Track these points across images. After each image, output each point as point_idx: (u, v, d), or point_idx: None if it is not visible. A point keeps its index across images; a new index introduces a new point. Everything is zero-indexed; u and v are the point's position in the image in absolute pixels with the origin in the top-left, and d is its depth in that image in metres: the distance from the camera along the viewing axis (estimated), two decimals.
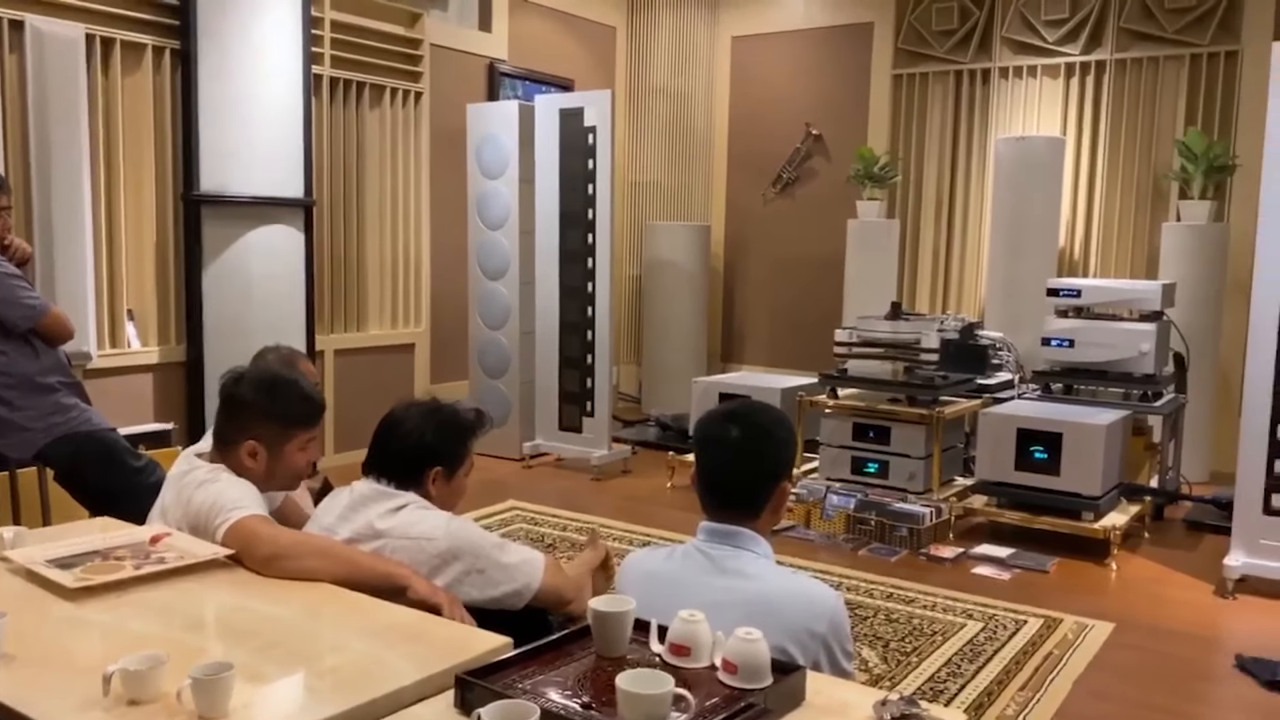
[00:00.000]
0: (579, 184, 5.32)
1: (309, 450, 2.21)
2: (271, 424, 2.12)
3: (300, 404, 2.18)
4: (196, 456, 2.16)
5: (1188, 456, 5.16)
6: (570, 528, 4.41)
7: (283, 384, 2.21)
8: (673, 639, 1.44)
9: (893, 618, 3.40)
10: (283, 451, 2.14)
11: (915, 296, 6.77)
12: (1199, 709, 2.86)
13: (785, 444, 1.99)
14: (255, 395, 2.13)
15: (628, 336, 7.53)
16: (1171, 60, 5.87)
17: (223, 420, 2.14)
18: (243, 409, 2.12)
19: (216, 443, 2.14)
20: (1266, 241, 3.60)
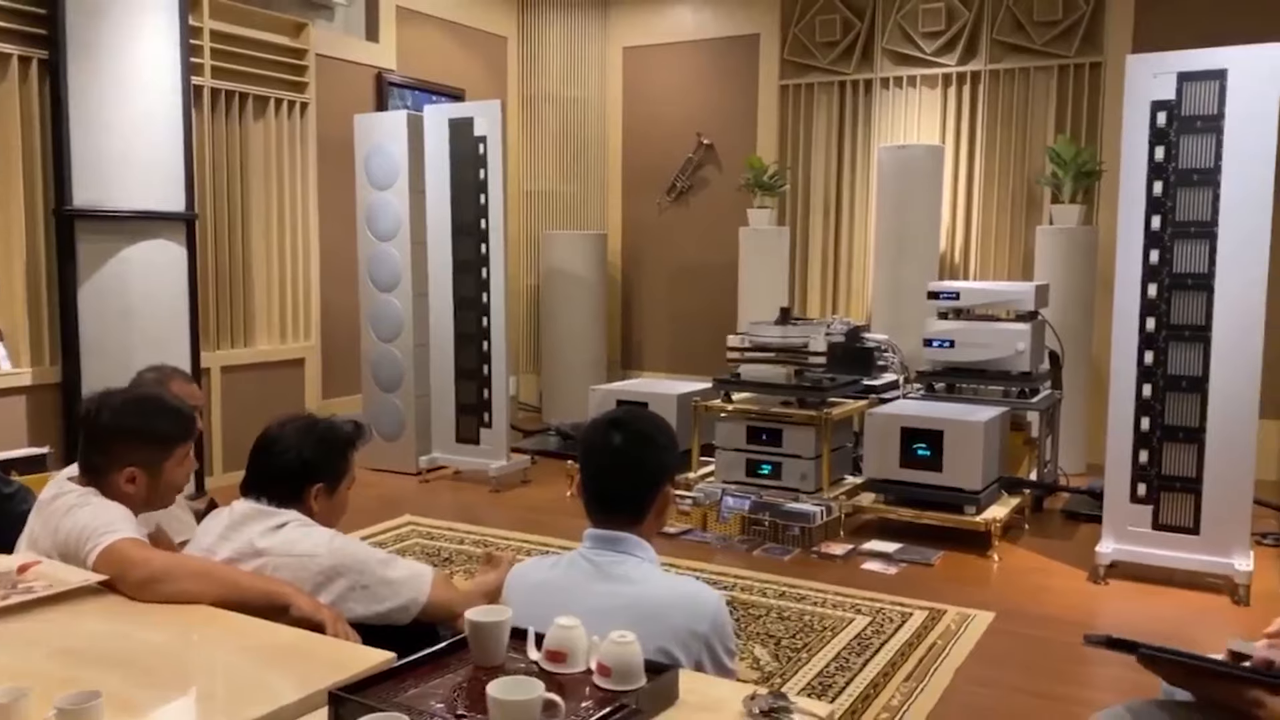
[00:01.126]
0: (471, 194, 5.31)
1: (186, 464, 2.18)
2: (149, 447, 2.07)
3: (173, 420, 2.14)
4: (69, 480, 2.09)
5: (1065, 449, 5.40)
6: (467, 541, 4.38)
7: (149, 404, 2.16)
8: (549, 646, 1.46)
9: (784, 615, 3.47)
10: (162, 470, 2.09)
11: (806, 301, 6.93)
12: (1074, 690, 2.99)
13: (667, 449, 2.02)
14: (125, 421, 2.07)
15: (526, 346, 7.53)
16: (1041, 71, 6.14)
17: (91, 452, 2.07)
18: (113, 438, 2.05)
19: (86, 474, 2.07)
20: (1126, 243, 3.80)
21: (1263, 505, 4.25)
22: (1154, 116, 3.75)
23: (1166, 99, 3.73)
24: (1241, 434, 3.67)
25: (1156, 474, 3.81)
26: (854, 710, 2.76)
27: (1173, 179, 3.72)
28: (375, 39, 6.27)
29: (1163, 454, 3.80)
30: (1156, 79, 3.74)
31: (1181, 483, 3.78)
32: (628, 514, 1.92)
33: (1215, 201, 3.66)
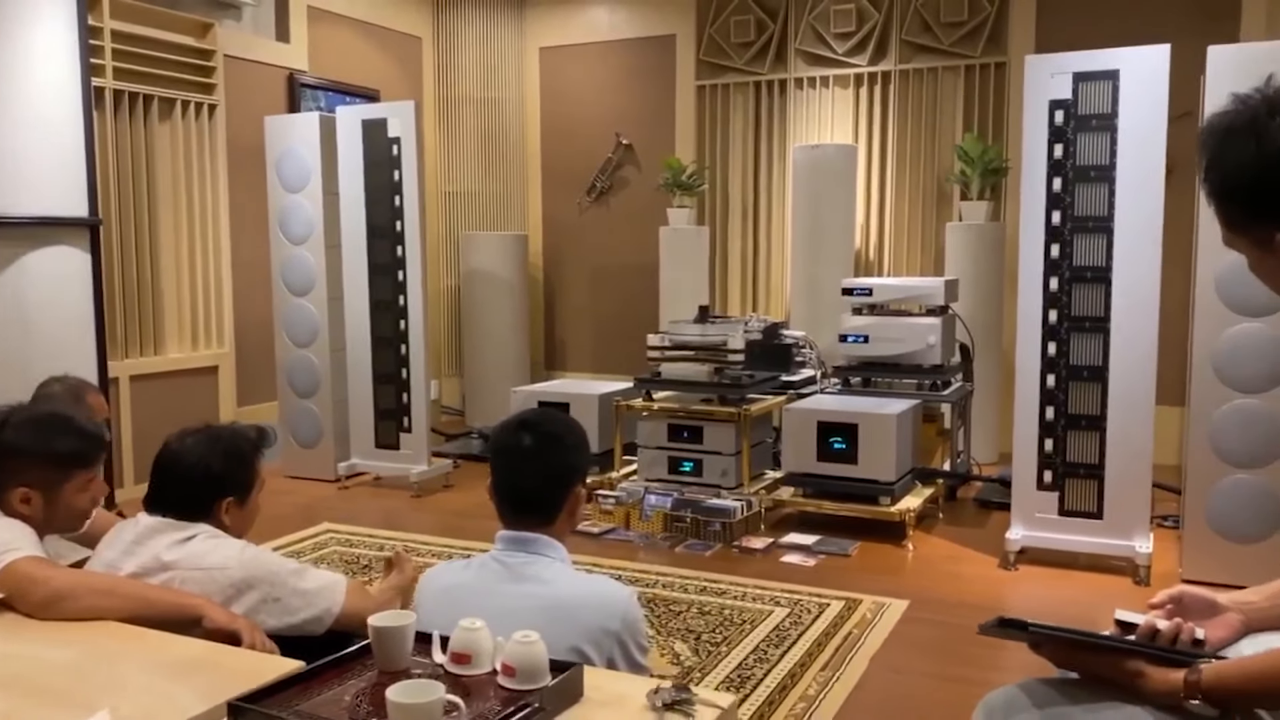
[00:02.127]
0: (386, 196, 5.25)
1: (91, 489, 2.11)
2: (44, 468, 2.00)
3: (76, 442, 2.07)
4: None
5: (978, 439, 5.55)
6: (387, 548, 4.34)
7: (55, 423, 2.09)
8: (453, 648, 1.46)
9: (705, 610, 3.51)
10: (60, 495, 2.02)
11: (727, 300, 7.00)
12: (986, 674, 3.08)
13: (577, 449, 2.04)
14: (21, 439, 2.01)
15: (448, 349, 7.47)
16: (949, 71, 6.29)
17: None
18: (8, 455, 1.99)
19: None
20: (1028, 238, 3.92)
21: (1161, 489, 4.41)
22: (1052, 115, 3.87)
23: (1063, 98, 3.85)
24: (1140, 421, 3.82)
25: (1061, 461, 3.94)
26: (771, 701, 2.80)
27: (1071, 175, 3.85)
28: (286, 39, 6.16)
29: (1067, 442, 3.93)
30: (1054, 79, 3.87)
31: (1085, 469, 3.91)
32: (539, 515, 1.93)
33: (1111, 197, 3.79)
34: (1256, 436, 3.68)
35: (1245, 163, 1.22)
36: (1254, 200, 1.24)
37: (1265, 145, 1.20)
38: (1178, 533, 4.12)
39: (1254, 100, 1.23)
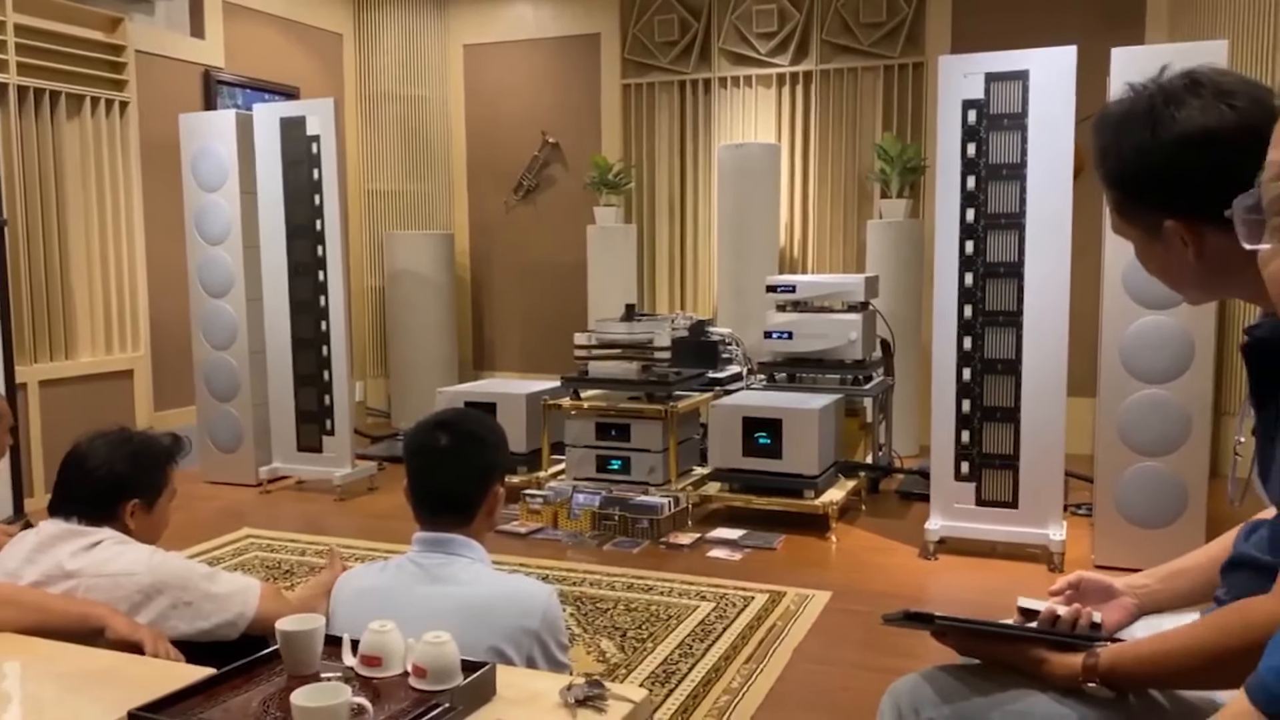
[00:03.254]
0: (305, 195, 5.16)
1: None
2: None
3: None
4: None
5: (900, 432, 5.65)
6: (309, 552, 4.27)
7: None
8: (363, 651, 1.45)
9: (632, 607, 3.52)
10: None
11: (655, 298, 7.02)
12: (906, 662, 3.12)
13: (495, 448, 2.03)
14: None
15: (373, 350, 7.37)
16: (868, 71, 6.40)
17: None
18: None
19: None
20: (944, 234, 4.01)
21: (1073, 477, 4.54)
22: (965, 115, 3.96)
23: (976, 98, 3.94)
24: (1052, 412, 3.93)
25: (978, 453, 4.04)
26: (695, 696, 2.83)
27: (984, 173, 3.94)
28: (201, 35, 6.02)
29: (983, 434, 4.02)
30: (967, 79, 3.95)
31: (1000, 460, 4.01)
32: (456, 515, 1.92)
33: (1022, 194, 3.89)
34: (1162, 425, 3.82)
35: (1140, 149, 1.24)
36: (1146, 186, 1.25)
37: (1160, 132, 1.22)
38: (1090, 520, 4.24)
39: (1149, 89, 1.26)
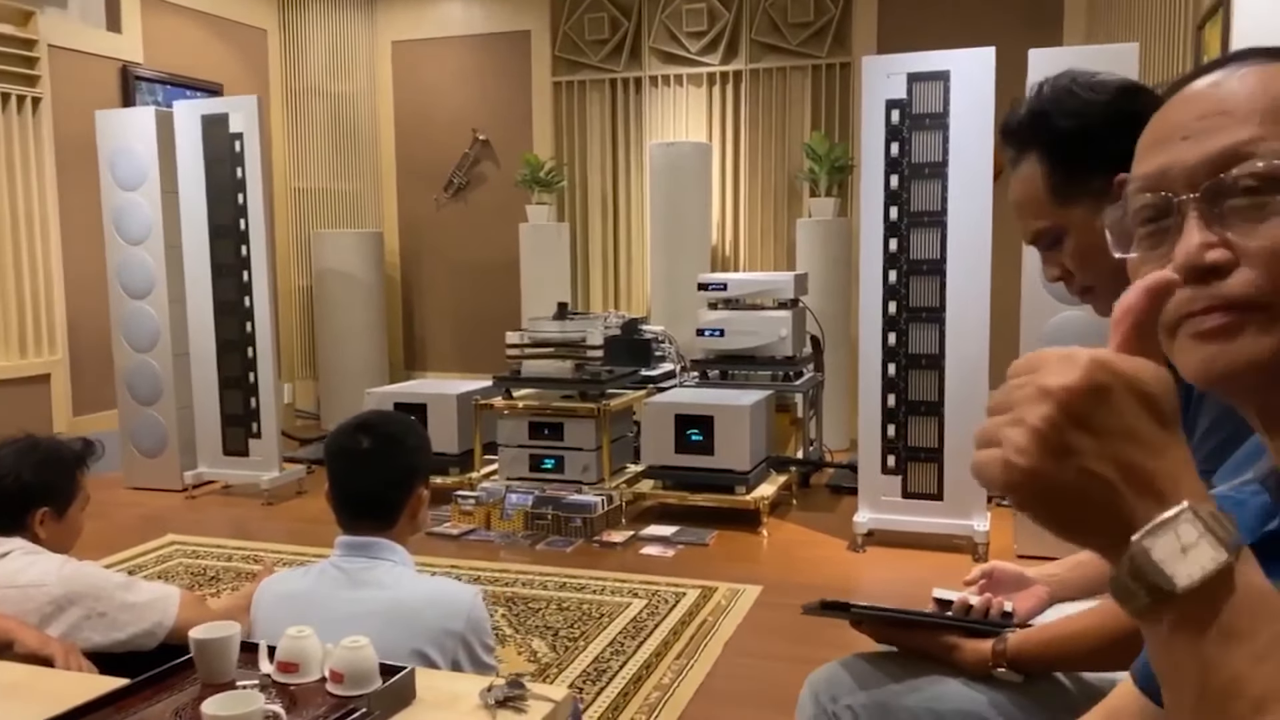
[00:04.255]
0: (229, 193, 5.06)
1: None
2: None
3: None
4: None
5: (830, 427, 5.73)
6: (236, 558, 4.19)
7: None
8: (280, 657, 1.43)
9: (564, 606, 3.52)
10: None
11: (589, 296, 7.02)
12: (834, 653, 3.18)
13: (417, 450, 2.02)
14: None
15: (301, 351, 7.26)
16: (797, 70, 6.47)
17: None
18: None
19: None
20: (869, 232, 4.07)
21: None
22: (889, 114, 4.02)
23: (899, 98, 4.01)
24: (975, 406, 4.01)
25: (904, 446, 4.11)
26: (626, 693, 2.84)
27: (907, 172, 4.01)
28: (118, 29, 5.87)
29: (908, 427, 4.10)
30: (890, 79, 4.02)
31: (925, 453, 4.09)
32: (378, 518, 1.91)
33: (944, 192, 3.97)
34: None
35: (1079, 110, 1.27)
36: (1093, 144, 1.25)
37: (1097, 90, 1.28)
38: (1013, 511, 4.34)
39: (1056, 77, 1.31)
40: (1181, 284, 0.63)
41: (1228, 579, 0.55)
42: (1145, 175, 0.73)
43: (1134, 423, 0.57)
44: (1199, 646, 0.55)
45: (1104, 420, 0.57)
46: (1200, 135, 0.69)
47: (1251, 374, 0.67)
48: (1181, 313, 0.69)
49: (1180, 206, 0.69)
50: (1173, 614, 0.56)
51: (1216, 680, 0.54)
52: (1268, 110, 0.67)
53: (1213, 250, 0.67)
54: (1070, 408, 0.57)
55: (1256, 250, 0.66)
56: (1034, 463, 0.57)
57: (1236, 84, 0.70)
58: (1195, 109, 0.71)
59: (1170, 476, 0.57)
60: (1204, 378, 0.69)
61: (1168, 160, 0.71)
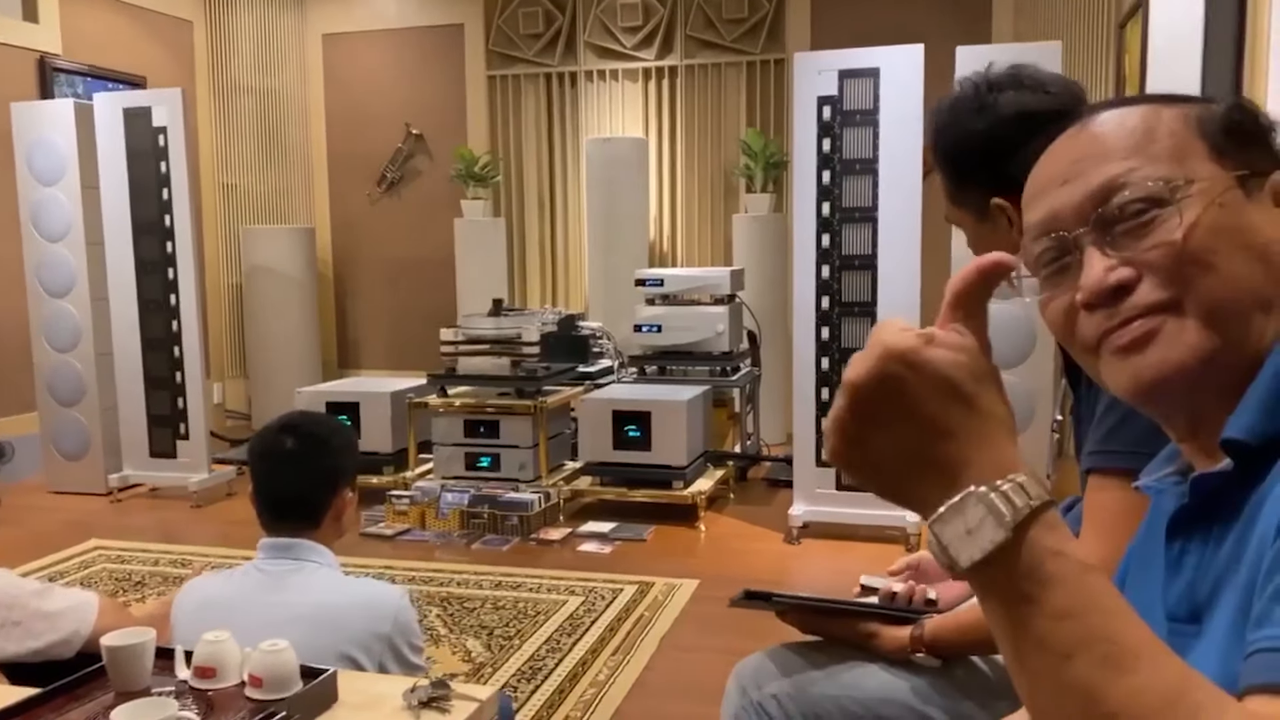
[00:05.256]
0: (152, 189, 4.93)
1: None
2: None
3: None
4: None
5: (768, 421, 5.77)
6: (163, 562, 4.09)
7: None
8: (197, 662, 1.40)
9: (500, 605, 3.50)
10: None
11: (526, 292, 6.98)
12: (764, 644, 3.21)
13: (342, 451, 2.00)
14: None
15: (231, 349, 7.10)
16: (732, 66, 6.50)
17: None
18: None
19: None
20: (801, 228, 4.11)
21: None
22: (820, 111, 4.06)
23: (830, 95, 4.05)
24: None
25: None
26: (562, 690, 2.83)
27: (839, 168, 4.05)
28: (34, 19, 5.68)
29: None
30: (821, 75, 4.06)
31: None
32: (301, 519, 1.88)
33: (875, 188, 4.02)
34: None
35: (967, 129, 1.37)
36: (973, 163, 1.37)
37: (985, 113, 1.35)
38: None
39: (976, 79, 1.38)
40: (1015, 263, 0.66)
41: (1010, 553, 0.59)
42: (1037, 223, 0.79)
43: (926, 409, 0.61)
44: (1003, 609, 0.60)
45: (893, 411, 0.61)
46: (1077, 177, 0.77)
47: (1180, 377, 0.72)
48: (1100, 331, 0.75)
49: (1077, 241, 0.76)
50: (973, 584, 0.61)
51: (1025, 637, 0.59)
52: (1129, 146, 0.76)
53: (1115, 271, 0.73)
54: (859, 401, 0.62)
55: (1152, 259, 0.73)
56: (839, 449, 0.63)
57: (1098, 129, 0.78)
58: (1066, 157, 0.79)
59: (960, 460, 0.61)
60: (1135, 390, 0.74)
61: (1054, 204, 0.78)
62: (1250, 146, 0.75)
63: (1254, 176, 0.74)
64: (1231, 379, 0.72)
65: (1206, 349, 0.71)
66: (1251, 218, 0.73)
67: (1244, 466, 0.69)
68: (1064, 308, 0.77)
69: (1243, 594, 0.65)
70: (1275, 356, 0.71)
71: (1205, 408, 0.74)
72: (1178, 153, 0.74)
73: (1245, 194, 0.73)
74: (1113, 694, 0.56)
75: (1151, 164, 0.74)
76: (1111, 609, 0.59)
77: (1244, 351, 0.72)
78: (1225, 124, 0.75)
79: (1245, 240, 0.72)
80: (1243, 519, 0.69)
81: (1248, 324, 0.72)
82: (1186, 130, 0.75)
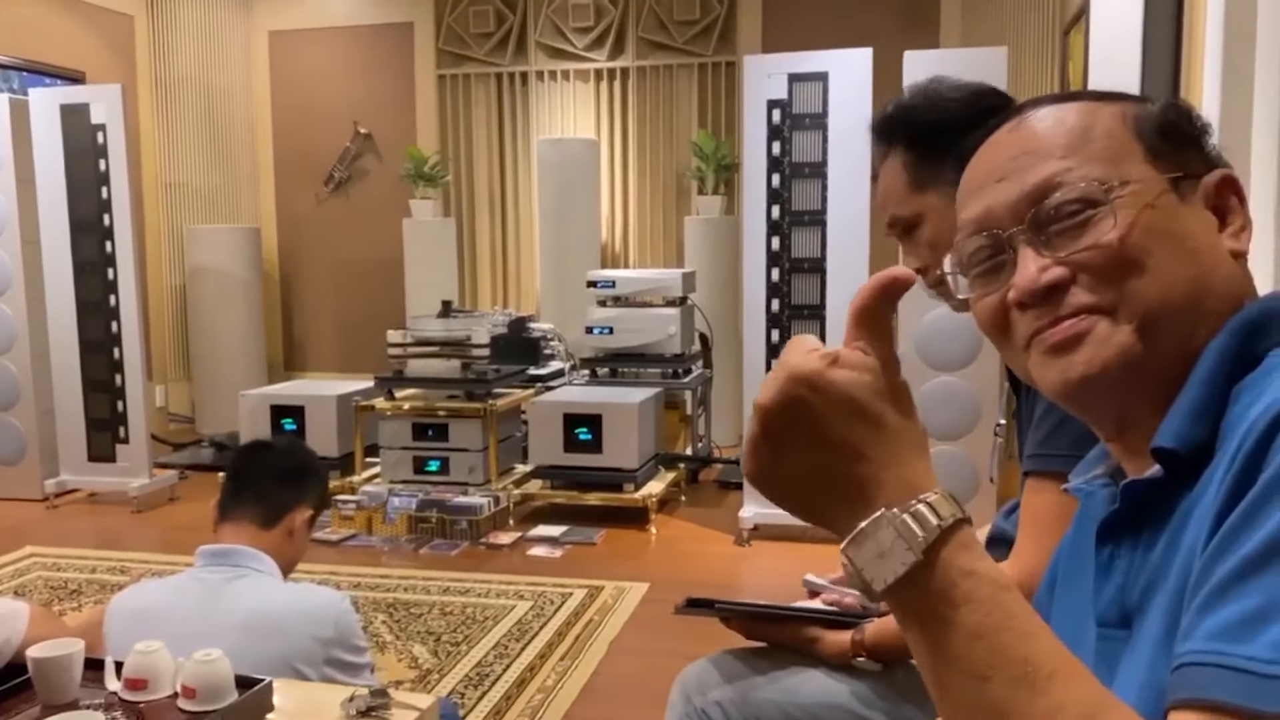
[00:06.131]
0: (91, 187, 4.81)
1: None
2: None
3: None
4: None
5: (719, 423, 5.77)
6: (101, 569, 3.99)
7: None
8: (127, 674, 1.36)
9: (447, 611, 3.46)
10: None
11: (477, 293, 6.93)
12: (711, 649, 3.21)
13: (317, 472, 2.19)
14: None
15: (175, 352, 6.96)
16: (683, 68, 6.51)
17: None
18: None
19: None
20: (751, 231, 4.12)
21: None
22: (770, 114, 4.07)
23: (780, 98, 4.07)
24: None
25: None
26: (509, 696, 2.80)
27: (788, 171, 4.07)
28: None
29: None
30: (771, 79, 4.07)
31: None
32: (258, 510, 1.94)
33: (824, 192, 4.04)
34: (955, 411, 4.04)
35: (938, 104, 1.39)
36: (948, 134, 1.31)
37: (959, 89, 1.39)
38: None
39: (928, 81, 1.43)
40: (914, 278, 0.65)
41: (923, 575, 0.59)
42: (972, 220, 0.79)
43: (833, 431, 0.60)
44: (919, 630, 0.60)
45: (801, 433, 0.61)
46: (1013, 175, 0.76)
47: (1109, 377, 0.72)
48: (1031, 331, 0.75)
49: (1011, 239, 0.75)
50: (890, 606, 0.61)
51: (941, 658, 0.59)
52: (1066, 144, 0.75)
53: (1049, 271, 0.73)
54: (767, 426, 0.62)
55: (1086, 260, 0.72)
56: (752, 472, 0.63)
57: (1036, 125, 0.77)
58: (1004, 153, 0.78)
59: (871, 481, 0.61)
60: (1064, 389, 0.74)
61: (989, 202, 0.77)
62: (1184, 148, 0.76)
63: (1187, 179, 0.74)
64: (1160, 381, 0.72)
65: (1136, 351, 0.71)
66: (1185, 221, 0.73)
67: (1174, 473, 0.69)
68: (995, 305, 0.77)
69: (1172, 602, 0.65)
70: (1204, 362, 0.70)
71: (1133, 409, 0.73)
72: (1113, 153, 0.74)
73: (1179, 197, 0.73)
74: (1028, 715, 0.56)
75: (1087, 164, 0.74)
76: (1027, 629, 0.58)
77: (1173, 354, 0.71)
78: (1160, 124, 0.75)
79: (1177, 243, 0.72)
80: (1172, 525, 0.69)
81: (1178, 327, 0.71)
82: (1123, 130, 0.75)
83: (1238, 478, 0.61)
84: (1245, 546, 0.58)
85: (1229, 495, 0.61)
